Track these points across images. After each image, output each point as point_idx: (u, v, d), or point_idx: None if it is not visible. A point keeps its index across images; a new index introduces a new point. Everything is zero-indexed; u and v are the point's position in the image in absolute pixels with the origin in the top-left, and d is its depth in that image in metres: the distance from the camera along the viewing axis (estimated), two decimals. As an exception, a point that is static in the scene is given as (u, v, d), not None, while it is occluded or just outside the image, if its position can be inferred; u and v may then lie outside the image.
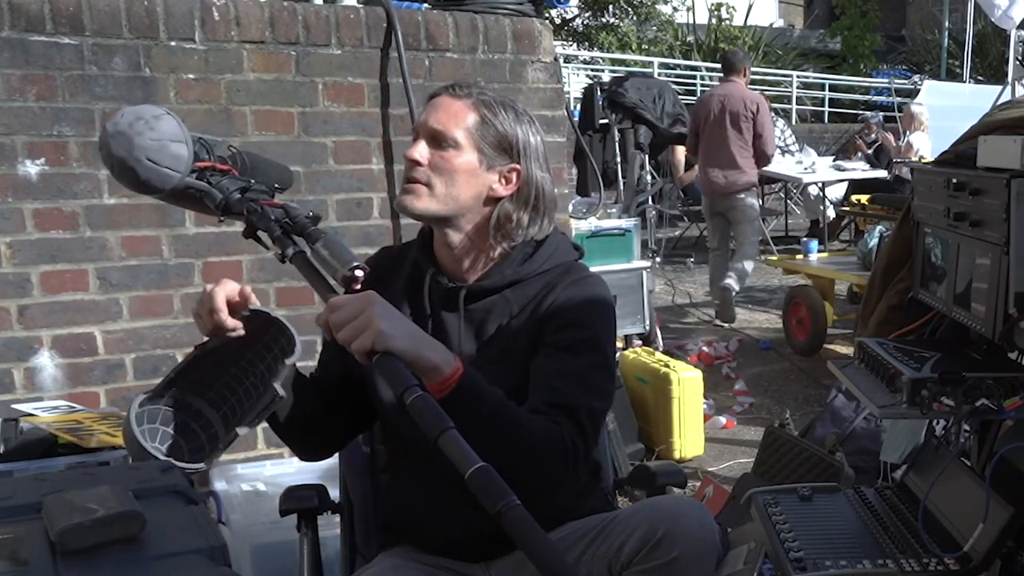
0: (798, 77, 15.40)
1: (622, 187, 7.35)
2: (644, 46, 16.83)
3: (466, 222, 1.50)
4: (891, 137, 8.67)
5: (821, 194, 7.93)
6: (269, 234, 1.30)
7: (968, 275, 1.67)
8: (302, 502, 1.74)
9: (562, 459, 1.34)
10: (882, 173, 7.66)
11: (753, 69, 15.73)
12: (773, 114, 9.97)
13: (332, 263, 1.25)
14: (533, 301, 1.50)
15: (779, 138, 9.34)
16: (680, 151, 8.35)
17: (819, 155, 9.71)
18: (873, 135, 9.31)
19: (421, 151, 1.46)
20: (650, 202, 7.35)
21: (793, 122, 13.66)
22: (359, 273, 1.24)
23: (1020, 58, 9.54)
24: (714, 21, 17.66)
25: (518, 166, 1.49)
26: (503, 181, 1.50)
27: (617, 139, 7.52)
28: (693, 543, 1.34)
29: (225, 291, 1.37)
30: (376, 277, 1.59)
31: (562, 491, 1.37)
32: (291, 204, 1.34)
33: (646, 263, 4.42)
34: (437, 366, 1.24)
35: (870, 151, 8.83)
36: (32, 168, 2.44)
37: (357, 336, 1.17)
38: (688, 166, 8.52)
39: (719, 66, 6.39)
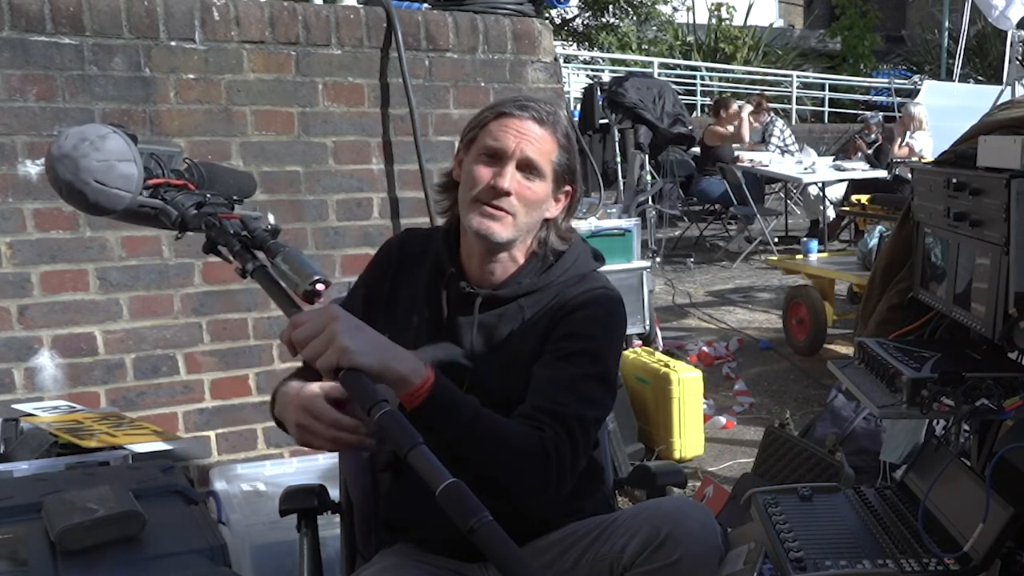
0: (798, 77, 15.40)
1: (622, 187, 7.35)
2: (644, 46, 16.82)
3: (520, 242, 1.52)
4: (895, 132, 8.64)
5: (821, 194, 7.93)
6: (229, 249, 1.26)
7: (968, 275, 1.67)
8: (302, 502, 1.74)
9: (542, 464, 1.32)
10: (882, 173, 7.66)
11: (753, 69, 15.83)
12: (773, 114, 10.02)
13: (292, 277, 1.21)
14: (544, 309, 1.51)
15: (779, 138, 9.35)
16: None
17: (819, 155, 9.70)
18: (873, 135, 9.31)
19: (511, 180, 1.46)
20: (650, 202, 7.34)
21: (793, 122, 13.66)
22: (320, 287, 1.20)
23: (1020, 58, 9.52)
24: (714, 21, 17.66)
25: (572, 188, 1.54)
26: (556, 202, 1.53)
27: (617, 139, 7.51)
28: (696, 544, 1.34)
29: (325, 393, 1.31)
30: (400, 261, 1.59)
31: (546, 497, 1.35)
32: (249, 216, 1.30)
33: (646, 263, 4.41)
34: (405, 377, 1.22)
35: (870, 151, 8.83)
36: (32, 168, 2.44)
37: (321, 353, 1.15)
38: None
39: (719, 66, 6.49)
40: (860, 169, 7.97)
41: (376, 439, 1.31)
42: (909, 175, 6.41)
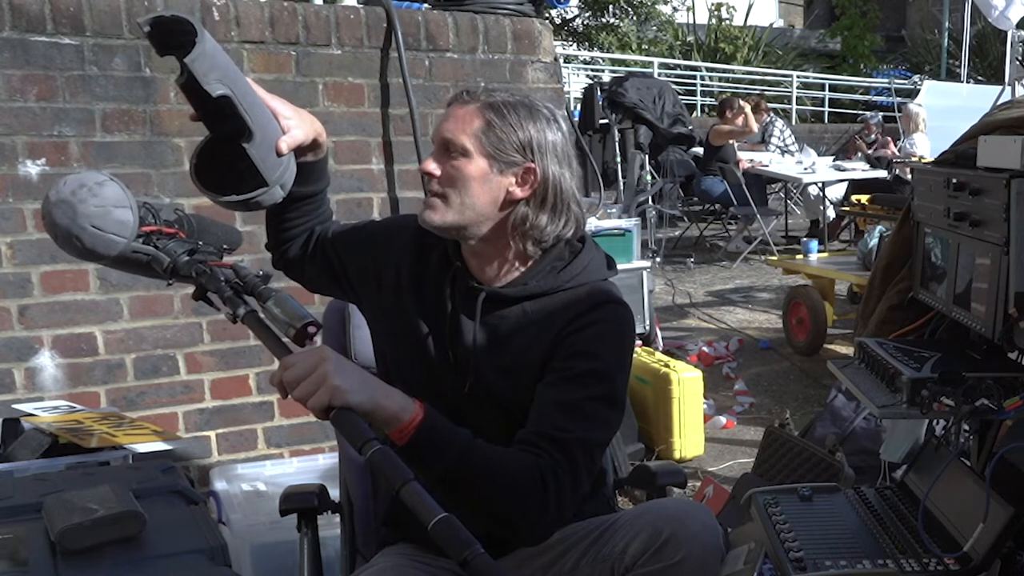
0: (798, 77, 15.40)
1: (622, 187, 7.35)
2: (644, 46, 16.82)
3: (485, 228, 1.46)
4: (891, 144, 8.66)
5: (821, 194, 7.93)
6: (219, 295, 1.28)
7: (968, 275, 1.67)
8: (302, 502, 1.74)
9: (540, 493, 1.31)
10: (882, 173, 7.67)
11: (753, 69, 15.84)
12: (772, 114, 10.01)
13: (284, 320, 1.23)
14: (551, 319, 1.46)
15: (779, 138, 9.35)
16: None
17: (819, 155, 9.70)
18: (873, 135, 9.31)
19: (432, 163, 1.45)
20: (650, 202, 7.34)
21: (793, 122, 13.66)
22: (311, 329, 1.22)
23: (1020, 58, 9.53)
24: (714, 21, 17.65)
25: (533, 165, 1.45)
26: (519, 182, 1.45)
27: (617, 139, 7.51)
28: (698, 546, 1.34)
29: None
30: (421, 240, 1.56)
31: (545, 524, 1.35)
32: (240, 264, 1.33)
33: (646, 263, 4.41)
34: (395, 415, 1.24)
35: (870, 151, 8.83)
36: (33, 168, 2.44)
37: (313, 393, 1.17)
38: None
39: (719, 66, 6.42)
40: (860, 169, 7.97)
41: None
42: (909, 175, 6.41)
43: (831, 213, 8.10)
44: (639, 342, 4.33)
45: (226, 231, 1.46)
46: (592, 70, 14.77)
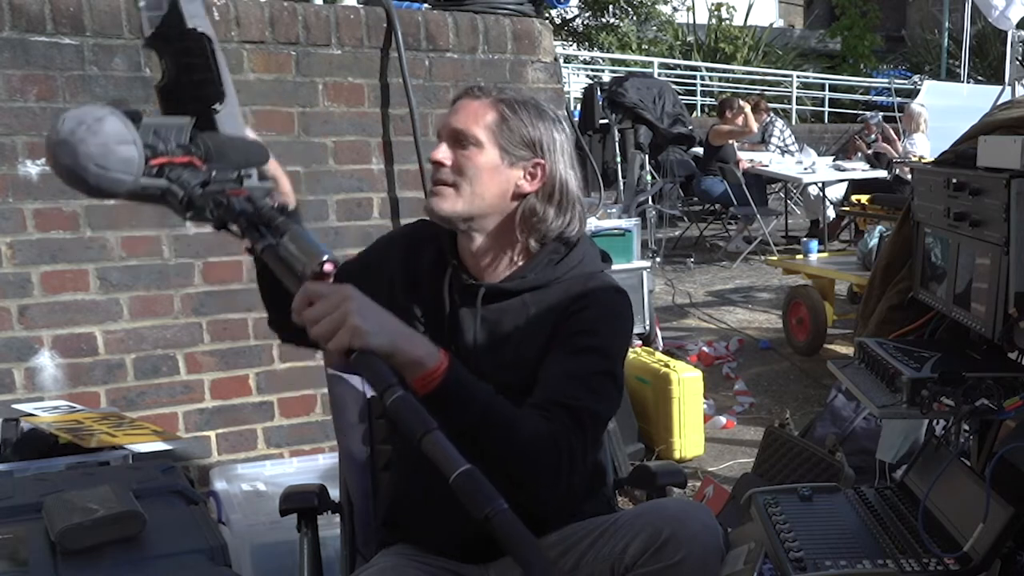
0: (798, 77, 15.40)
1: (622, 187, 7.35)
2: (644, 46, 16.83)
3: (492, 220, 1.49)
4: (891, 144, 8.65)
5: (821, 194, 7.93)
6: (238, 227, 1.22)
7: (968, 275, 1.67)
8: (302, 502, 1.74)
9: (555, 455, 1.31)
10: (882, 173, 7.67)
11: (753, 69, 15.84)
12: (772, 114, 10.01)
13: (300, 258, 1.17)
14: (550, 309, 1.48)
15: (779, 138, 9.35)
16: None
17: (819, 155, 9.70)
18: (873, 135, 9.31)
19: (443, 152, 1.47)
20: (650, 202, 7.34)
21: (793, 122, 13.66)
22: (328, 267, 1.16)
23: (1020, 58, 9.53)
24: (714, 21, 17.66)
25: (542, 161, 1.48)
26: (528, 177, 1.48)
27: (617, 139, 7.51)
28: (698, 546, 1.34)
29: None
30: (410, 247, 1.58)
31: (558, 488, 1.34)
32: (260, 189, 1.25)
33: (646, 263, 4.41)
34: (420, 360, 1.20)
35: (870, 151, 8.83)
36: (33, 168, 2.44)
37: (334, 333, 1.13)
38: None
39: (719, 66, 6.41)
40: (860, 169, 7.97)
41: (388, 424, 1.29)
42: (909, 175, 6.41)
43: (831, 213, 8.10)
44: (639, 342, 4.33)
45: (248, 148, 1.34)
46: (592, 70, 14.77)
